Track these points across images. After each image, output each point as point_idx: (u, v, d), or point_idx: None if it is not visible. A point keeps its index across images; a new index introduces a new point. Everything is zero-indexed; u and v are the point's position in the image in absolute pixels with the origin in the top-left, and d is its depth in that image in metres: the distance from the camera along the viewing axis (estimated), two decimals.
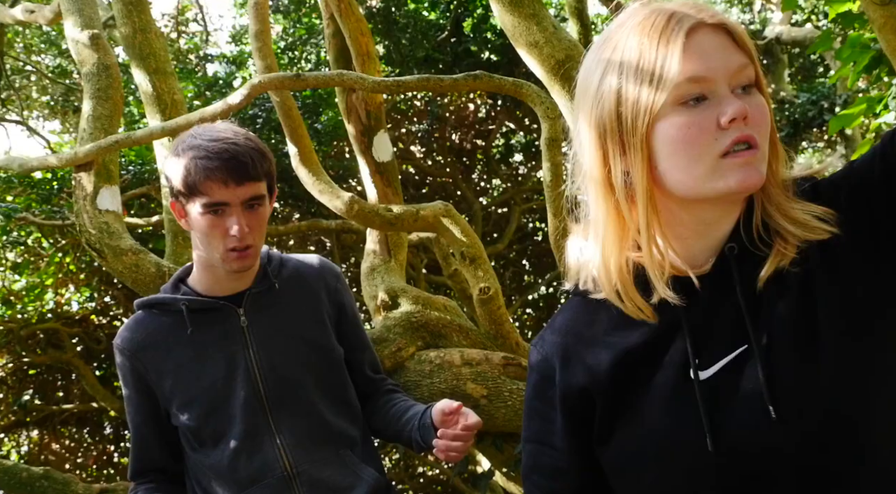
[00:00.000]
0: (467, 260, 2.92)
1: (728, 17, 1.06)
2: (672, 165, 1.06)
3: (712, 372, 1.08)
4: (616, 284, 1.14)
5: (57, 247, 6.35)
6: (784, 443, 1.02)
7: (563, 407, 1.20)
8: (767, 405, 1.02)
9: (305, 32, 8.26)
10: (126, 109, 7.35)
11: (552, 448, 1.23)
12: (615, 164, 1.09)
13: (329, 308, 2.06)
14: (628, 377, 1.14)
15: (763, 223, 1.10)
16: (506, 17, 2.85)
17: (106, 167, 3.27)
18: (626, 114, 1.06)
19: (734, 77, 1.04)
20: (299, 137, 3.44)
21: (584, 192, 1.17)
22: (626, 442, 1.14)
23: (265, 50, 3.46)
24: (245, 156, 1.80)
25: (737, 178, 1.03)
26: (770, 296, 1.07)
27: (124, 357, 1.96)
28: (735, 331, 1.08)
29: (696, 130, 1.03)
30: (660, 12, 1.06)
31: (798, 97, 8.39)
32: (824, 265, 1.06)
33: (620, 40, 1.08)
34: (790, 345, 1.04)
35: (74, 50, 3.64)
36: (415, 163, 8.46)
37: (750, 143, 1.03)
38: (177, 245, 3.42)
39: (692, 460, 1.07)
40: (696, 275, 1.10)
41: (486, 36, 7.74)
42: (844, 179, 1.09)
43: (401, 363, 2.72)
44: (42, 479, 3.25)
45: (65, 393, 7.18)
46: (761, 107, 1.05)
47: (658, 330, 1.12)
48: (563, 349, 1.22)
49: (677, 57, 1.02)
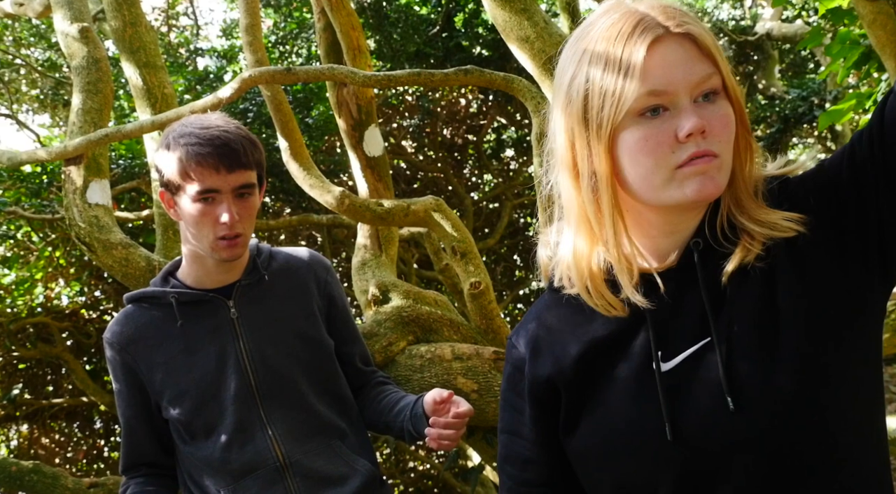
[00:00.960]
0: (458, 254, 2.92)
1: (696, 24, 1.07)
2: (632, 173, 1.08)
3: (674, 364, 1.11)
4: (586, 282, 1.17)
5: (47, 241, 6.33)
6: (742, 434, 1.04)
7: (531, 397, 1.24)
8: (726, 396, 1.05)
9: (296, 26, 8.24)
10: (116, 103, 7.32)
11: (522, 439, 1.27)
12: (583, 166, 1.12)
13: (319, 300, 2.06)
14: (594, 369, 1.17)
15: (730, 221, 1.12)
16: (497, 12, 2.85)
17: (96, 161, 3.27)
18: (592, 121, 1.08)
19: (696, 87, 1.05)
20: (290, 132, 3.44)
21: (559, 188, 1.20)
22: (590, 432, 1.17)
23: (256, 44, 3.45)
24: (237, 144, 1.81)
25: (693, 188, 1.05)
26: (734, 291, 1.09)
27: (114, 351, 1.96)
28: (698, 324, 1.10)
29: (653, 143, 1.05)
30: (628, 17, 1.07)
31: (788, 93, 8.41)
32: (789, 261, 1.08)
33: (590, 42, 1.09)
34: (750, 338, 1.06)
35: (64, 43, 3.63)
36: (406, 157, 8.45)
37: (707, 156, 1.05)
38: (167, 239, 3.41)
39: (653, 449, 1.09)
40: (664, 269, 1.14)
41: (478, 31, 7.73)
42: (814, 179, 1.11)
43: (391, 357, 2.72)
44: (32, 473, 3.25)
45: (55, 387, 7.16)
46: (723, 117, 1.06)
47: (624, 324, 1.16)
48: (533, 341, 1.26)
49: (638, 70, 1.03)
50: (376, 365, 2.57)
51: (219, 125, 1.83)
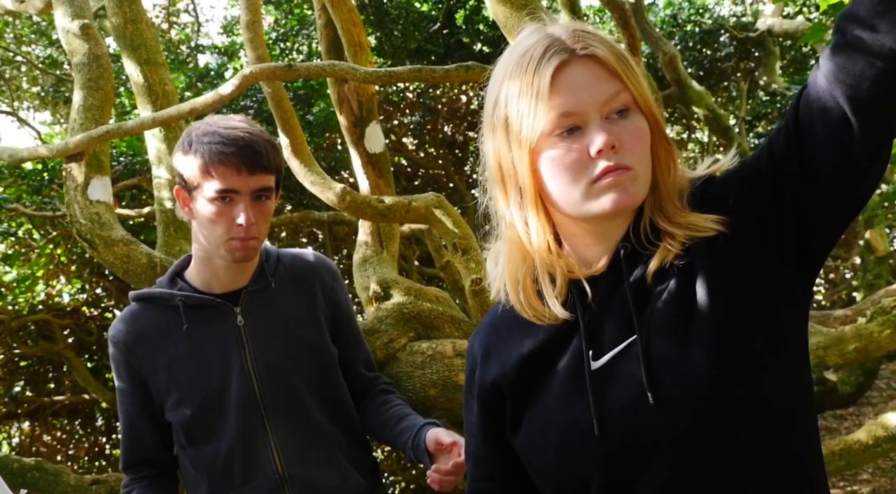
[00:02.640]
0: (459, 251, 2.91)
1: (601, 46, 1.13)
2: (554, 189, 1.16)
3: (603, 362, 1.17)
4: (518, 293, 1.25)
5: (48, 238, 6.32)
6: (662, 428, 1.09)
7: (479, 399, 1.33)
8: (646, 391, 1.10)
9: (297, 23, 8.23)
10: (117, 100, 7.32)
11: (473, 437, 1.37)
12: (510, 183, 1.21)
13: (325, 307, 2.06)
14: (534, 372, 1.24)
15: (654, 225, 1.18)
16: (498, 9, 2.85)
17: (97, 157, 3.26)
18: (513, 140, 1.16)
19: (606, 105, 1.12)
20: (291, 128, 3.43)
21: (492, 208, 1.29)
22: (531, 430, 1.24)
23: (257, 40, 3.44)
24: (259, 146, 1.82)
25: (610, 200, 1.12)
26: (656, 290, 1.15)
27: (118, 349, 1.95)
28: (625, 324, 1.16)
29: (568, 160, 1.12)
30: (539, 43, 1.14)
31: (789, 89, 8.40)
32: (707, 258, 1.13)
33: (508, 67, 1.17)
34: (669, 335, 1.11)
35: (65, 40, 3.62)
36: (407, 154, 8.44)
37: (619, 168, 1.11)
38: (168, 236, 3.41)
39: (582, 443, 1.16)
40: (594, 274, 1.21)
41: (479, 27, 7.72)
42: (735, 177, 1.17)
43: (393, 354, 2.72)
44: (34, 470, 3.25)
45: (56, 384, 7.16)
46: (634, 131, 1.13)
47: (562, 328, 1.22)
48: (484, 346, 1.34)
49: (545, 94, 1.10)
50: (377, 362, 2.57)
51: (243, 126, 1.83)
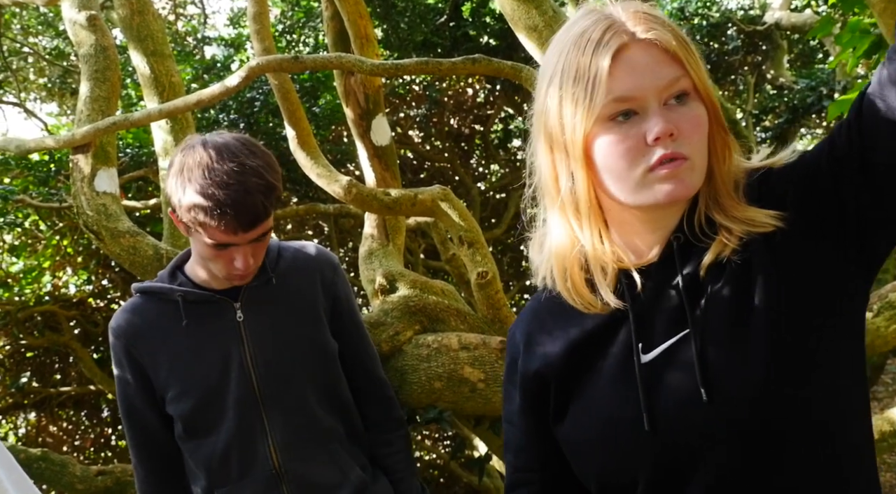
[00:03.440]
0: (465, 244, 2.91)
1: (663, 29, 1.10)
2: (607, 176, 1.12)
3: (653, 356, 1.14)
4: (567, 281, 1.21)
5: (54, 229, 6.34)
6: (714, 425, 1.06)
7: (522, 389, 1.30)
8: (699, 387, 1.07)
9: (304, 15, 8.22)
10: (124, 91, 7.32)
11: (514, 427, 1.33)
12: (561, 169, 1.17)
13: (325, 301, 2.05)
14: (580, 362, 1.21)
15: (708, 217, 1.15)
16: (505, 1, 2.84)
17: (103, 149, 3.27)
18: (567, 124, 1.12)
19: (665, 90, 1.08)
20: (297, 121, 3.43)
21: (540, 193, 1.24)
22: (576, 423, 1.21)
23: (263, 32, 3.44)
24: (257, 202, 1.73)
25: (664, 191, 1.08)
26: (711, 284, 1.12)
27: (119, 341, 1.95)
28: (677, 317, 1.13)
29: (623, 147, 1.09)
30: (597, 24, 1.10)
31: (797, 83, 8.36)
32: (766, 254, 1.10)
33: (564, 49, 1.13)
34: (724, 330, 1.09)
35: (72, 31, 3.62)
36: (413, 147, 8.44)
37: (676, 158, 1.08)
38: (174, 228, 3.41)
39: (631, 438, 1.13)
40: (645, 264, 1.17)
41: (485, 20, 7.70)
42: (794, 171, 1.14)
43: (398, 347, 2.72)
44: (40, 461, 3.27)
45: (62, 375, 7.19)
46: (693, 119, 1.09)
47: (610, 318, 1.19)
48: (527, 335, 1.30)
49: (604, 78, 1.07)
50: (382, 355, 2.56)
51: (238, 179, 1.71)
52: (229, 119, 6.52)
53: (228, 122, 6.47)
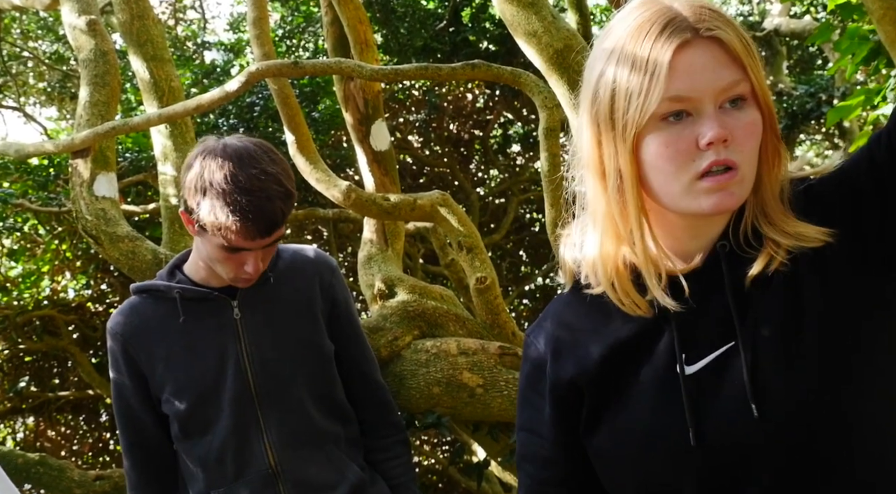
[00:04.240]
0: (464, 249, 2.91)
1: (727, 28, 1.04)
2: (654, 177, 1.07)
3: (698, 368, 1.09)
4: (613, 280, 1.14)
5: (53, 233, 6.34)
6: (764, 441, 1.03)
7: (552, 397, 1.22)
8: (750, 402, 1.03)
9: (303, 20, 8.24)
10: (123, 96, 7.33)
11: (541, 438, 1.25)
12: (609, 165, 1.10)
13: (322, 303, 2.05)
14: (617, 369, 1.15)
15: (755, 227, 1.10)
16: (504, 7, 2.84)
17: (103, 154, 3.27)
18: (618, 121, 1.06)
19: (722, 93, 1.03)
20: (297, 126, 3.43)
21: (583, 186, 1.18)
22: (612, 433, 1.15)
23: (263, 37, 3.44)
24: (276, 209, 1.74)
25: (710, 203, 1.04)
26: (758, 295, 1.08)
27: (116, 341, 1.95)
28: (723, 328, 1.08)
29: (673, 149, 1.03)
30: (659, 16, 1.04)
31: (796, 89, 8.37)
32: (813, 268, 1.06)
33: (619, 39, 1.07)
34: (775, 344, 1.04)
35: (71, 36, 3.63)
36: (412, 152, 8.44)
37: (728, 166, 1.03)
38: (173, 232, 3.41)
39: (674, 453, 1.08)
40: (689, 271, 1.12)
41: (485, 25, 7.71)
42: (835, 182, 1.09)
43: (397, 352, 2.72)
44: (38, 465, 3.26)
45: (61, 380, 7.18)
46: (748, 125, 1.04)
47: (648, 325, 1.13)
48: (554, 340, 1.23)
49: (663, 74, 1.01)
50: (381, 360, 2.56)
51: (259, 185, 1.72)
52: (229, 124, 6.53)
53: (228, 127, 6.48)
